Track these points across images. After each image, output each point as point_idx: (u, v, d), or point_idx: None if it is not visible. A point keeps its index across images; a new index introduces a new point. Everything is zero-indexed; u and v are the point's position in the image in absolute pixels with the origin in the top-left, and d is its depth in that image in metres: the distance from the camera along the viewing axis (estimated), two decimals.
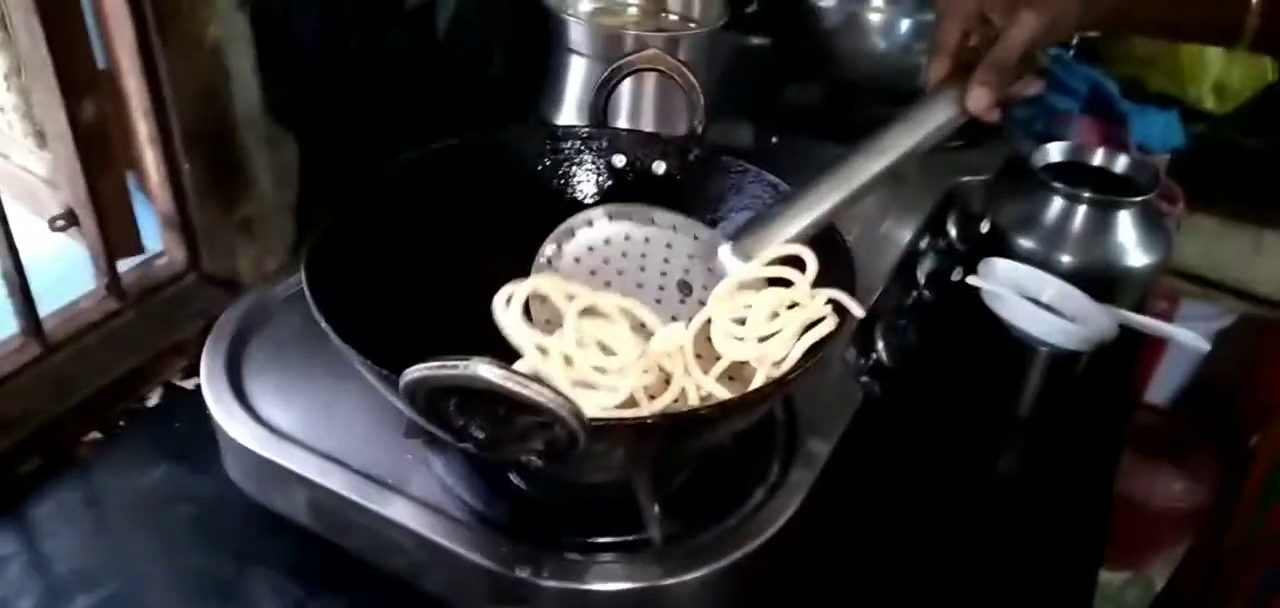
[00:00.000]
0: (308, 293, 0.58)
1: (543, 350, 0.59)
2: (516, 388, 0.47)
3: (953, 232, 0.90)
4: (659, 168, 0.76)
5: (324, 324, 0.56)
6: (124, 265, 0.84)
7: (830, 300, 0.61)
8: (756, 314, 0.62)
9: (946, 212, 0.91)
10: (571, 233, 0.70)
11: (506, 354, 0.58)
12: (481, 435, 0.52)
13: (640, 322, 0.63)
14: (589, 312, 0.62)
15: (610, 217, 0.71)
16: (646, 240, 0.70)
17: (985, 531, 0.73)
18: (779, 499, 0.63)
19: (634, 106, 0.93)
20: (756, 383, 0.61)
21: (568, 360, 0.58)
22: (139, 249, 0.88)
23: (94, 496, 0.72)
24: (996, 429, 0.83)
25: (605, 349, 0.61)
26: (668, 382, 0.61)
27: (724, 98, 0.94)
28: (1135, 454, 1.65)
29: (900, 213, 0.90)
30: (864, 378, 0.75)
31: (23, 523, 0.70)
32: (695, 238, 0.70)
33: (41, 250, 0.83)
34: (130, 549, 0.69)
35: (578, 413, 0.49)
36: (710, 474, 0.66)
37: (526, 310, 0.62)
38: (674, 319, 0.65)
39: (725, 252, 0.66)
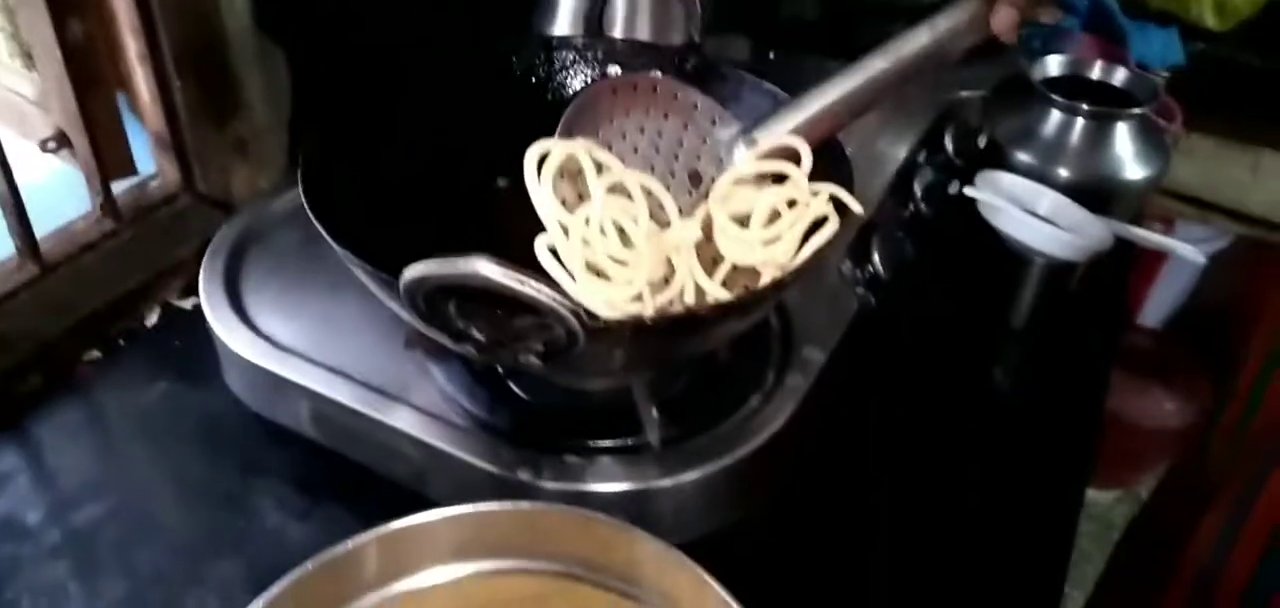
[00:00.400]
0: (305, 200, 0.58)
1: (564, 229, 0.59)
2: (516, 286, 0.48)
3: (950, 146, 0.90)
4: (656, 75, 0.75)
5: (321, 230, 0.56)
6: (118, 187, 0.83)
7: (832, 198, 0.61)
8: (758, 215, 0.62)
9: (944, 126, 0.91)
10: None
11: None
12: (481, 337, 0.53)
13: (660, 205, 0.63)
14: (612, 189, 0.61)
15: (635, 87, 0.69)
16: (665, 117, 0.68)
17: (975, 443, 0.74)
18: (774, 405, 0.63)
19: (629, 17, 0.92)
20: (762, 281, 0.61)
21: (586, 243, 0.58)
22: (132, 170, 0.87)
23: (96, 413, 0.73)
24: (990, 342, 0.83)
25: (622, 233, 0.61)
26: (669, 279, 0.61)
27: (720, 11, 0.93)
28: (1127, 374, 1.66)
29: (897, 128, 0.90)
30: (860, 289, 0.75)
31: (26, 440, 0.70)
32: (712, 121, 0.68)
33: (32, 173, 0.82)
34: (135, 463, 0.69)
35: (577, 311, 0.49)
36: (707, 380, 0.66)
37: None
38: (681, 211, 0.65)
39: (738, 143, 0.66)
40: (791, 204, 0.63)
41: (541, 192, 0.60)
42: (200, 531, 0.64)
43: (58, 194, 0.89)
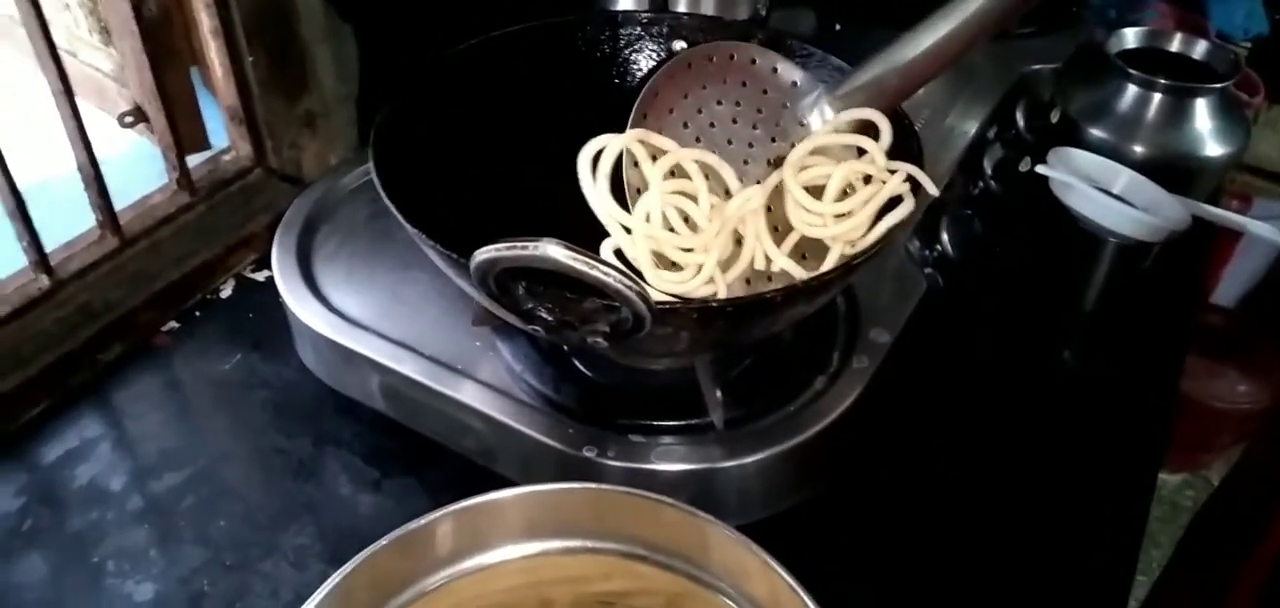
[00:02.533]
0: (377, 180, 0.59)
1: (627, 229, 0.59)
2: (585, 269, 0.48)
3: (1021, 122, 0.88)
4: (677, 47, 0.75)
5: (394, 210, 0.57)
6: (192, 162, 0.85)
7: (908, 177, 0.60)
8: (831, 188, 0.61)
9: (1015, 101, 0.89)
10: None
11: (570, 237, 0.59)
12: (549, 317, 0.53)
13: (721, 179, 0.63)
14: (672, 172, 0.61)
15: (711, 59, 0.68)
16: (743, 86, 0.68)
17: (1045, 426, 0.72)
18: (839, 387, 0.63)
19: None
20: (830, 261, 0.60)
21: (650, 237, 0.59)
22: (205, 144, 0.89)
23: (174, 381, 0.75)
24: (1061, 323, 0.82)
25: (686, 218, 0.61)
26: (740, 244, 0.61)
27: None
28: (1200, 355, 1.63)
29: (966, 103, 0.88)
30: (928, 269, 0.74)
31: (108, 407, 0.72)
32: (794, 84, 0.68)
33: (110, 146, 0.84)
34: (211, 431, 0.71)
35: (644, 295, 0.49)
36: (771, 361, 0.66)
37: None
38: (757, 182, 0.64)
39: (816, 110, 0.65)
40: (867, 180, 0.62)
41: (598, 195, 0.60)
42: (274, 499, 0.66)
43: (133, 167, 0.91)
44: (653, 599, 0.47)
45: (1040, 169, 0.79)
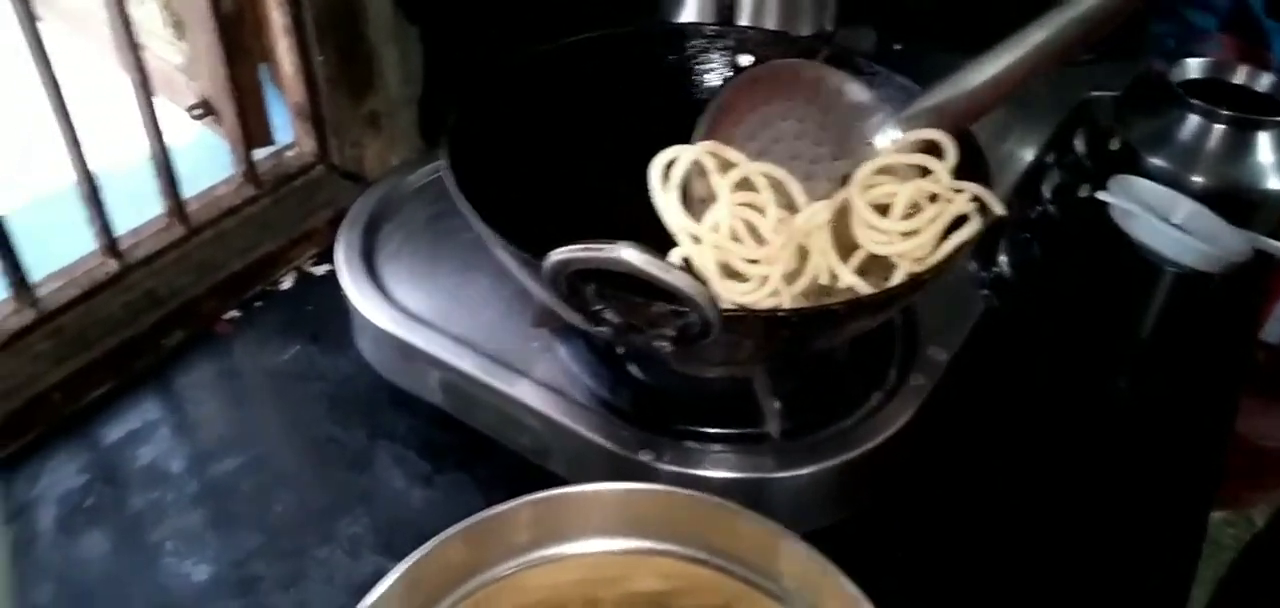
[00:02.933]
0: (451, 180, 0.60)
1: (696, 239, 0.60)
2: (659, 273, 0.49)
3: (1080, 147, 0.88)
4: (743, 61, 0.75)
5: (466, 209, 0.57)
6: (257, 156, 0.87)
7: (974, 198, 0.60)
8: (898, 206, 0.62)
9: (1074, 127, 0.89)
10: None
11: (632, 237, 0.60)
12: (616, 320, 0.54)
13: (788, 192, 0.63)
14: (740, 185, 0.62)
15: (779, 74, 0.69)
16: (809, 103, 0.68)
17: (1099, 452, 0.72)
18: (896, 404, 0.63)
19: (757, 6, 0.92)
20: (896, 279, 0.61)
21: (717, 248, 0.59)
22: (269, 139, 0.91)
23: (234, 370, 0.76)
24: (1116, 350, 0.81)
25: (753, 230, 0.62)
26: (805, 259, 0.61)
27: (845, 0, 0.92)
28: (1248, 391, 1.60)
29: (1026, 128, 0.88)
30: (985, 290, 0.74)
31: (169, 392, 0.74)
32: (859, 105, 0.68)
33: (176, 138, 0.85)
34: (269, 420, 0.72)
35: (714, 301, 0.50)
36: (828, 374, 0.66)
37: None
38: (822, 198, 0.65)
39: (883, 130, 0.66)
40: (933, 199, 0.62)
41: (668, 204, 0.61)
42: (329, 489, 0.67)
43: (197, 158, 0.92)
44: (710, 597, 0.47)
45: (1100, 196, 0.79)
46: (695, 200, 0.64)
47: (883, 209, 0.62)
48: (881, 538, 0.64)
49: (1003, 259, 0.76)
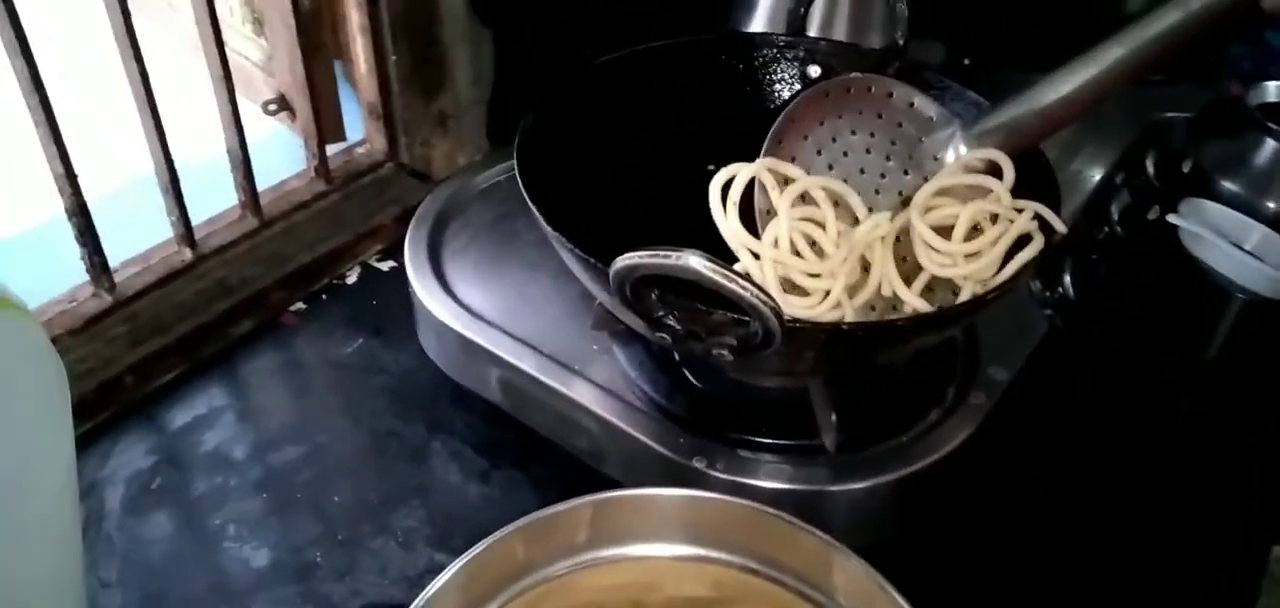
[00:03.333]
0: (520, 182, 0.60)
1: (755, 255, 0.60)
2: (724, 282, 0.49)
3: (1151, 169, 0.86)
4: (813, 73, 0.75)
5: (536, 212, 0.58)
6: (331, 151, 0.88)
7: (1037, 216, 0.60)
8: (960, 227, 0.61)
9: (1145, 148, 0.88)
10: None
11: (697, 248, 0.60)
12: (677, 327, 0.54)
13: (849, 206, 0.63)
14: (800, 199, 0.62)
15: (848, 88, 0.69)
16: (878, 117, 0.68)
17: (1161, 479, 0.70)
18: (953, 422, 0.63)
19: (827, 17, 0.91)
20: (962, 298, 0.60)
21: (777, 263, 0.59)
22: (342, 136, 0.93)
23: (298, 360, 0.78)
24: (1182, 375, 0.79)
25: (813, 244, 0.62)
26: (867, 271, 0.61)
27: (916, 12, 0.92)
28: None
29: (1095, 147, 0.87)
30: (1048, 310, 0.73)
31: (235, 379, 0.76)
32: (930, 120, 0.68)
33: (251, 132, 0.87)
34: (331, 410, 0.74)
35: (778, 311, 0.50)
36: (887, 390, 0.66)
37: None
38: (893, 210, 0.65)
39: (948, 148, 0.65)
40: (994, 219, 0.62)
41: (727, 222, 0.61)
42: (386, 481, 0.68)
43: (268, 152, 0.94)
44: (760, 606, 0.47)
45: (1171, 219, 0.77)
46: (759, 213, 0.64)
47: (946, 230, 0.61)
48: (937, 557, 0.63)
49: (1067, 279, 0.74)
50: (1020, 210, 0.60)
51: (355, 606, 0.61)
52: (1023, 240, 0.60)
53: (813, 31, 0.90)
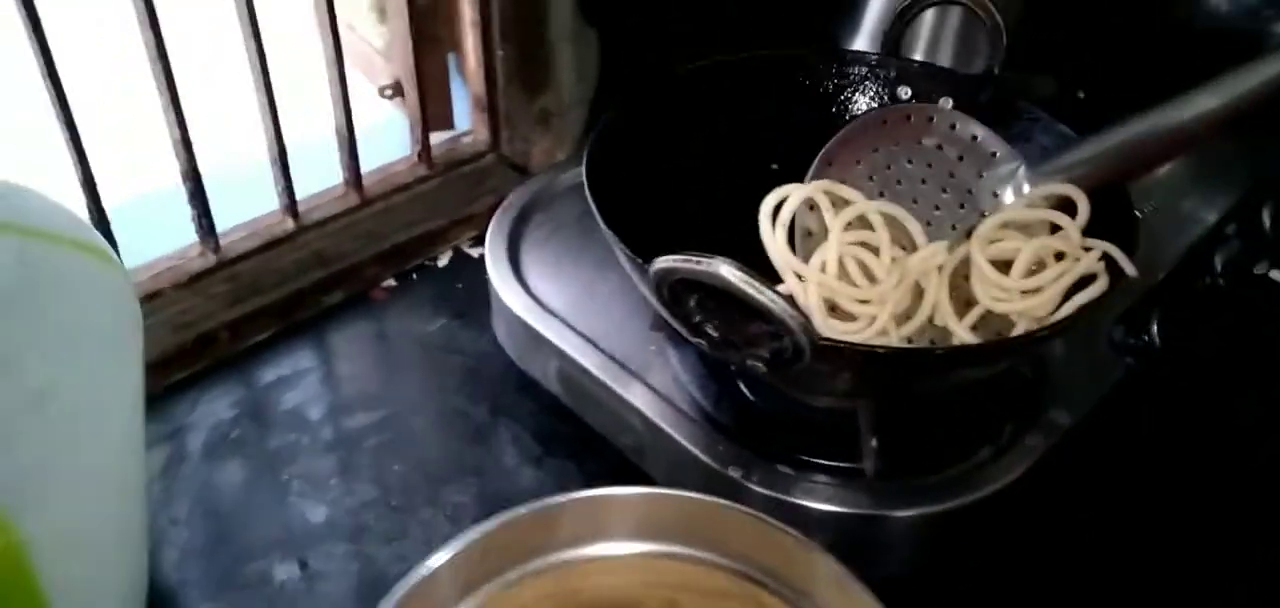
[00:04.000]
0: (585, 174, 0.62)
1: (800, 277, 0.60)
2: (753, 292, 0.49)
3: (1266, 221, 0.81)
4: (945, 105, 0.74)
5: (592, 204, 0.60)
6: (435, 139, 0.92)
7: (1104, 256, 0.58)
8: (1020, 263, 0.60)
9: (1261, 198, 0.82)
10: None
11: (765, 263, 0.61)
12: (714, 334, 0.55)
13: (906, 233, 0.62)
14: (854, 223, 0.62)
15: (908, 116, 0.69)
16: (938, 148, 0.67)
17: (1231, 551, 0.66)
18: (1005, 461, 0.61)
19: (932, 41, 0.90)
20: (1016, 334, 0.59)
21: (823, 286, 0.59)
22: (450, 124, 0.96)
23: (382, 334, 0.82)
24: (1271, 443, 0.75)
25: (866, 270, 0.62)
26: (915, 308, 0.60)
27: (1031, 41, 0.89)
28: None
29: (1206, 191, 0.83)
30: (1129, 358, 0.70)
31: (322, 345, 0.80)
32: (993, 155, 0.66)
33: (368, 115, 0.92)
34: (405, 384, 0.77)
35: (807, 327, 0.50)
36: (942, 421, 0.64)
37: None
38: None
39: (1013, 182, 0.64)
40: (1060, 257, 0.60)
41: (774, 242, 0.61)
42: (446, 456, 0.71)
43: (387, 136, 0.99)
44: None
45: (1277, 275, 0.73)
46: (801, 232, 0.63)
47: (1006, 267, 0.60)
48: (967, 597, 0.62)
49: (1155, 328, 0.71)
50: (1089, 250, 0.58)
51: (397, 571, 0.63)
52: (1087, 281, 0.57)
53: (918, 54, 0.88)
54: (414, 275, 0.86)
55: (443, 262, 0.88)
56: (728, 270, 0.49)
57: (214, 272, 0.78)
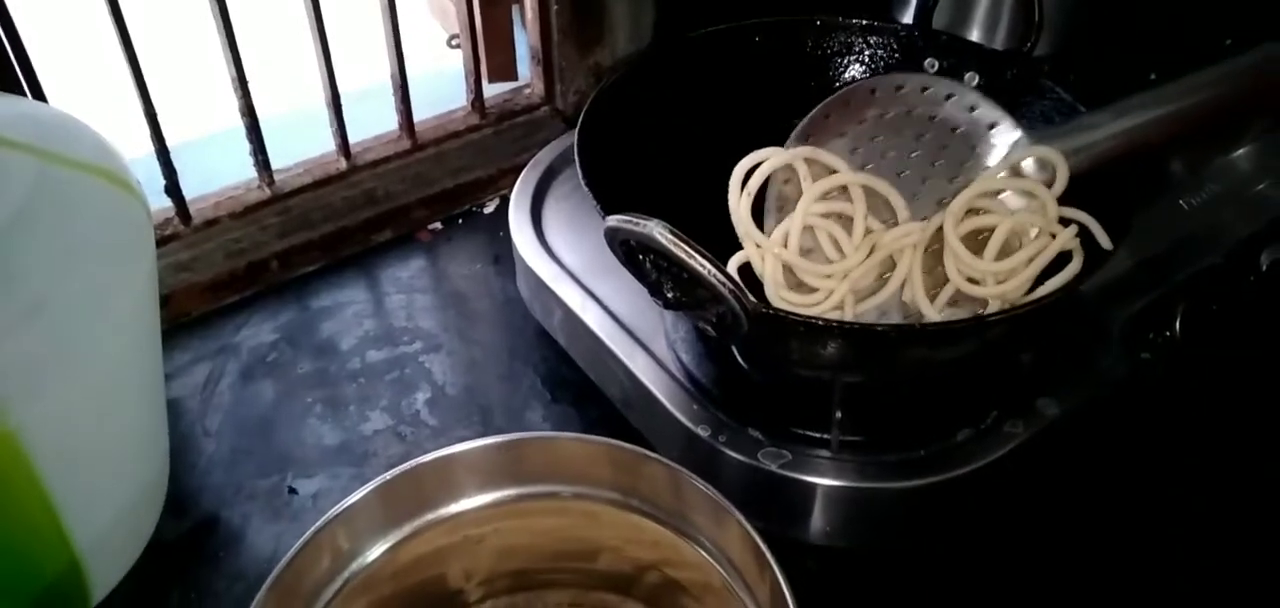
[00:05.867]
0: (578, 131, 0.64)
1: (758, 247, 0.61)
2: (682, 256, 0.50)
3: None
4: (970, 79, 0.72)
5: (577, 158, 0.62)
6: (492, 90, 0.95)
7: (1079, 230, 0.56)
8: (995, 241, 0.59)
9: None
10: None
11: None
12: (669, 295, 0.56)
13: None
14: (835, 194, 0.62)
15: (899, 86, 0.68)
16: (931, 119, 0.66)
17: (1233, 564, 0.64)
18: (978, 446, 0.60)
19: (990, 17, 0.87)
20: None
21: (781, 257, 0.60)
22: (513, 76, 0.99)
23: (423, 274, 0.86)
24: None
25: (837, 243, 0.62)
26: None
27: (1094, 16, 0.86)
28: None
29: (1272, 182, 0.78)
30: (1145, 353, 0.68)
31: (364, 281, 0.85)
32: (991, 126, 0.65)
33: (440, 63, 0.96)
34: (441, 322, 0.81)
35: (739, 295, 0.51)
36: (926, 399, 0.64)
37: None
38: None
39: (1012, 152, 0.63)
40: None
41: (738, 207, 0.61)
42: (459, 395, 0.75)
43: (453, 83, 1.02)
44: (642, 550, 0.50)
45: None
46: (774, 198, 0.63)
47: (986, 240, 0.59)
48: (936, 572, 0.62)
49: (1179, 322, 0.68)
50: (1067, 224, 0.57)
51: None
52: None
53: (975, 34, 0.86)
54: (460, 221, 0.90)
55: (489, 209, 0.92)
56: (660, 232, 0.50)
57: (268, 204, 0.84)
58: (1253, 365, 0.72)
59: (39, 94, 0.70)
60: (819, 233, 0.61)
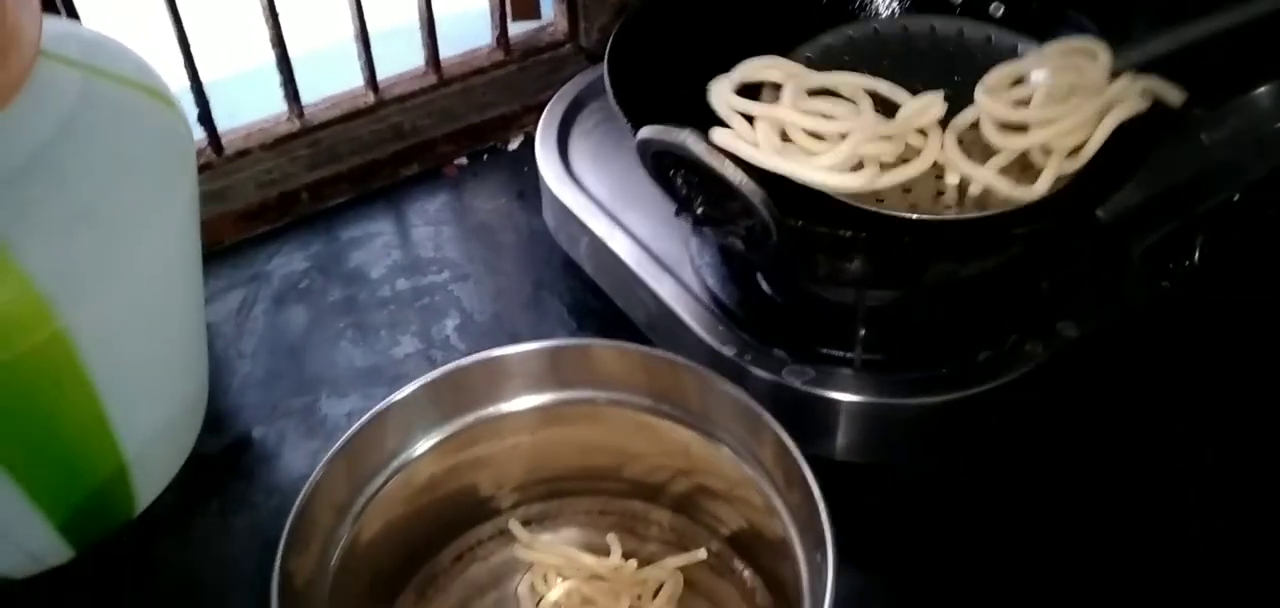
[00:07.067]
0: (608, 51, 0.65)
1: (748, 118, 0.61)
2: (713, 164, 0.52)
3: None
4: (995, 10, 0.72)
5: (606, 77, 0.63)
6: (517, 28, 0.96)
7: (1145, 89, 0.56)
8: (1041, 93, 0.58)
9: None
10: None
11: None
12: (699, 210, 0.57)
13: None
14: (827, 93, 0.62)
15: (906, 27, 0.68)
16: (949, 54, 0.66)
17: (1248, 510, 0.64)
18: (998, 364, 0.61)
19: None
20: (1042, 184, 0.57)
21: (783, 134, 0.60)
22: (536, 14, 1.00)
23: (449, 206, 0.87)
24: None
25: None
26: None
27: None
28: None
29: None
30: (1165, 281, 0.68)
31: (398, 212, 0.86)
32: (1013, 48, 0.65)
33: (464, 2, 0.97)
34: (461, 255, 0.82)
35: (771, 206, 0.52)
36: (948, 318, 0.65)
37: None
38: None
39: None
40: None
41: (718, 92, 0.62)
42: (487, 322, 0.77)
43: (476, 23, 1.02)
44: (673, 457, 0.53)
45: None
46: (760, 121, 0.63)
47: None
48: (944, 495, 0.64)
49: (1198, 250, 0.69)
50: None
51: None
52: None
53: None
54: (485, 156, 0.92)
55: (513, 145, 0.93)
56: (692, 140, 0.51)
57: (298, 136, 0.85)
58: (1271, 298, 0.72)
59: (75, 19, 0.71)
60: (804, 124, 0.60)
